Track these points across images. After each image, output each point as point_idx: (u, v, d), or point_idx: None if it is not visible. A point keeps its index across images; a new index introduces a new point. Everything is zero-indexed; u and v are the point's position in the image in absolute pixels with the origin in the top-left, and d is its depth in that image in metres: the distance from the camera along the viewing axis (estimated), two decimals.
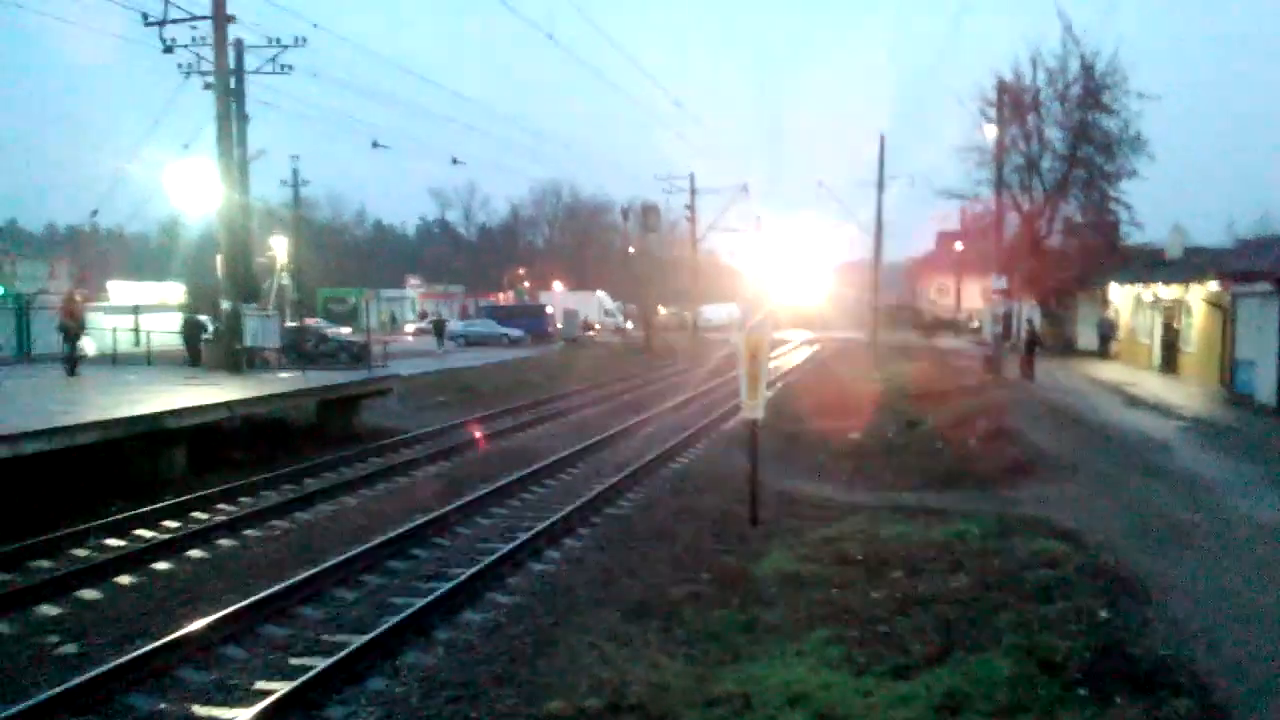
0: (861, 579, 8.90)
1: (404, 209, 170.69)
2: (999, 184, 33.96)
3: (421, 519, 11.69)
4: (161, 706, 6.75)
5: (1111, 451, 15.84)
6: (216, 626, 7.91)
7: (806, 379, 32.77)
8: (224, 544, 11.02)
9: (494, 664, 7.45)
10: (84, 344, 21.56)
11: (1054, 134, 39.21)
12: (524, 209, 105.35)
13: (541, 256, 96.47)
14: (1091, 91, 37.61)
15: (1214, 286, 24.15)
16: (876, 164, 42.92)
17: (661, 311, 64.49)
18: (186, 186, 23.81)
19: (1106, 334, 36.21)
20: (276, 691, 6.67)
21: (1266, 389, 20.43)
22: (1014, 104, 36.56)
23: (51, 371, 20.67)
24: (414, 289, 78.44)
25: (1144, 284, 31.75)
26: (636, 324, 58.90)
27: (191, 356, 23.42)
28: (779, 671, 6.84)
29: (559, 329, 54.31)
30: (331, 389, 19.39)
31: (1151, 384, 26.15)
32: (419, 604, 8.46)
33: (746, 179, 75.14)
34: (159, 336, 25.63)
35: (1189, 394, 23.64)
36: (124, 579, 9.58)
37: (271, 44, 23.81)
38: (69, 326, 20.34)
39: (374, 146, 31.78)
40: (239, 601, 8.48)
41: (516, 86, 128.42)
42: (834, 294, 70.79)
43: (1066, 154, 39.00)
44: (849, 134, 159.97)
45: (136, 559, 10.10)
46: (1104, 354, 35.76)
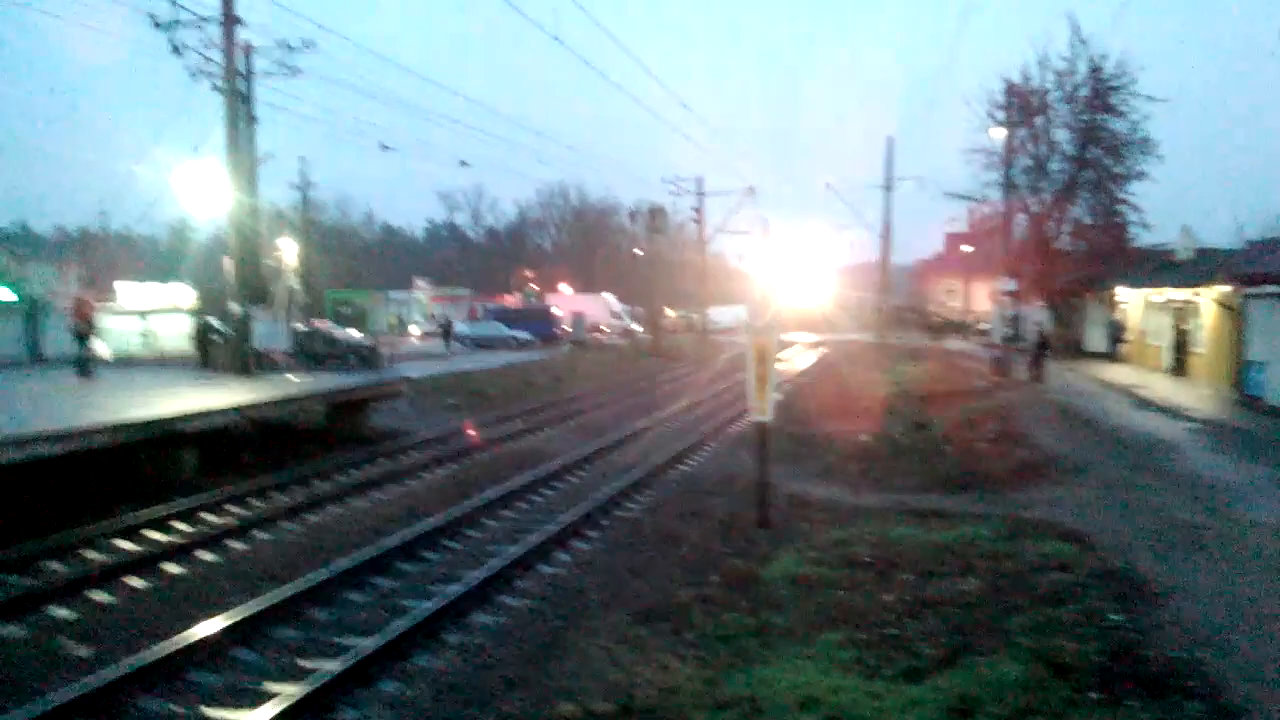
0: (871, 582, 8.87)
1: (412, 211, 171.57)
2: (1007, 186, 33.97)
3: (431, 521, 11.71)
4: (172, 708, 6.78)
5: (1122, 454, 15.78)
6: (228, 629, 7.94)
7: (814, 381, 32.72)
8: (235, 547, 11.07)
9: (504, 667, 7.47)
10: (97, 347, 21.67)
11: (1062, 136, 39.08)
12: (531, 211, 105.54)
13: (549, 259, 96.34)
14: (1100, 93, 37.47)
15: (1224, 288, 24.07)
16: (884, 166, 42.95)
17: (670, 314, 64.40)
18: (195, 189, 23.95)
19: (1115, 336, 36.04)
20: (289, 694, 6.69)
21: (1277, 391, 20.38)
22: (1022, 106, 36.48)
23: (64, 374, 20.78)
24: (422, 291, 78.49)
25: (1153, 286, 31.64)
26: (644, 326, 58.81)
27: (202, 359, 23.57)
28: (789, 675, 6.83)
29: (566, 331, 54.30)
30: (341, 392, 19.43)
31: (1161, 386, 26.06)
32: (429, 607, 8.48)
33: (754, 181, 74.83)
34: (169, 339, 25.75)
35: (1199, 396, 23.56)
36: (135, 581, 9.63)
37: (279, 47, 23.88)
38: (81, 329, 20.48)
39: (382, 149, 32.02)
40: (249, 603, 8.51)
41: (523, 89, 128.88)
42: (840, 296, 70.62)
43: (1075, 156, 38.82)
44: (856, 136, 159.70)
45: (148, 561, 10.14)
46: (1113, 356, 35.61)
